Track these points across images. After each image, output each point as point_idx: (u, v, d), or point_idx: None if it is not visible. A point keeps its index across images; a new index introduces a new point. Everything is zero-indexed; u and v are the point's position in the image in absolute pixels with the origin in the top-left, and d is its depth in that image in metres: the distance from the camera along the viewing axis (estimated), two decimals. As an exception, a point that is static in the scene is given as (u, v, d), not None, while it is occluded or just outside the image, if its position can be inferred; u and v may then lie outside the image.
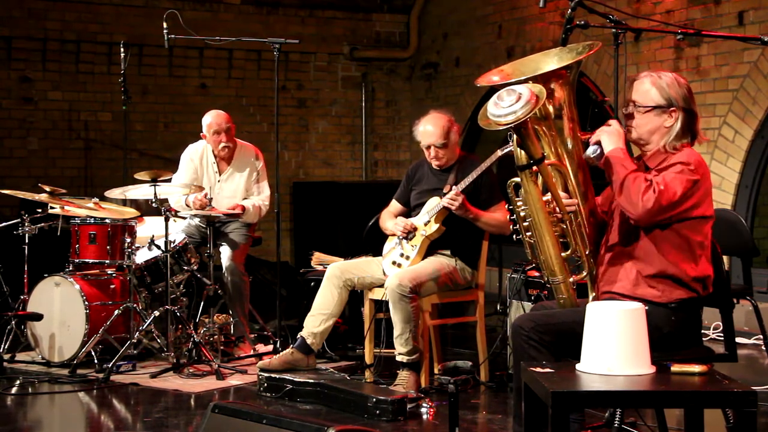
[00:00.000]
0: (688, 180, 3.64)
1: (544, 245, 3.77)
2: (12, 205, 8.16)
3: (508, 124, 3.54)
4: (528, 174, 3.68)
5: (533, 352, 3.62)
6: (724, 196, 7.19)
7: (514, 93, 3.55)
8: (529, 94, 3.53)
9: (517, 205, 3.78)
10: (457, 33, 10.12)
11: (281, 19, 10.09)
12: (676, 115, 3.71)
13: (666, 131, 3.74)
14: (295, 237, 10.15)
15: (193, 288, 6.43)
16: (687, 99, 3.73)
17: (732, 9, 7.15)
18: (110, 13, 9.37)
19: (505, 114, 3.54)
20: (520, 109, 3.52)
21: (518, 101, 3.53)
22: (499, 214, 5.40)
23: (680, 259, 3.69)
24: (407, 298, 5.21)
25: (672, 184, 3.62)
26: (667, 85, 3.73)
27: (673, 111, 3.71)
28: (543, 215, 3.72)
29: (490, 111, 3.59)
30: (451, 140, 5.55)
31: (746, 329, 6.82)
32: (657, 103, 3.72)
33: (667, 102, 3.71)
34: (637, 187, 3.61)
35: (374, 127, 10.71)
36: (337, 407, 4.98)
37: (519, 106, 3.52)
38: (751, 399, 3.02)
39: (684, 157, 3.68)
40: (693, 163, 3.67)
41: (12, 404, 5.26)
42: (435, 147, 5.51)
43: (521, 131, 3.61)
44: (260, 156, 6.60)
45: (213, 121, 6.45)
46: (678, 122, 3.71)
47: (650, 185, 3.61)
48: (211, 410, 3.77)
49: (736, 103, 7.13)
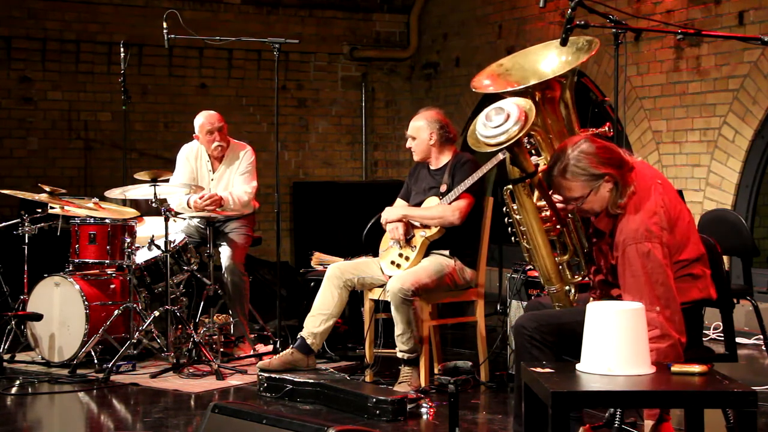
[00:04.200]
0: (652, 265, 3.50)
1: (539, 255, 3.77)
2: (12, 205, 8.16)
3: (499, 144, 3.50)
4: (521, 188, 3.67)
5: (536, 352, 3.62)
6: (724, 196, 7.19)
7: (502, 112, 3.49)
8: (518, 112, 3.47)
9: (514, 209, 3.78)
10: (457, 33, 10.12)
11: (281, 19, 10.09)
12: (609, 178, 3.57)
13: (606, 196, 3.60)
14: (295, 237, 10.15)
15: (193, 288, 6.43)
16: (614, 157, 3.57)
17: (732, 9, 7.15)
18: (110, 13, 9.37)
19: (494, 135, 3.50)
20: (510, 129, 3.47)
21: (507, 121, 3.47)
22: (438, 208, 5.44)
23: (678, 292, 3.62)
24: (409, 301, 5.21)
25: (649, 293, 3.48)
26: (575, 165, 3.55)
27: (606, 179, 3.57)
28: (537, 226, 3.72)
29: (479, 131, 3.55)
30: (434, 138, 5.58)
31: (746, 329, 6.82)
32: (588, 188, 3.58)
33: (594, 177, 3.57)
34: (661, 343, 3.46)
35: (374, 127, 10.71)
36: (337, 407, 4.98)
37: (509, 126, 3.47)
38: (751, 399, 3.02)
39: (630, 238, 3.52)
40: (642, 238, 3.51)
41: (12, 404, 5.26)
42: (409, 137, 5.62)
43: (513, 149, 3.57)
44: (250, 151, 6.59)
45: (205, 121, 6.46)
46: (611, 185, 3.58)
47: (657, 335, 3.44)
48: (211, 410, 3.77)
49: (736, 103, 7.13)
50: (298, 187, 10.15)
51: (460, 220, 5.40)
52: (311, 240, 9.32)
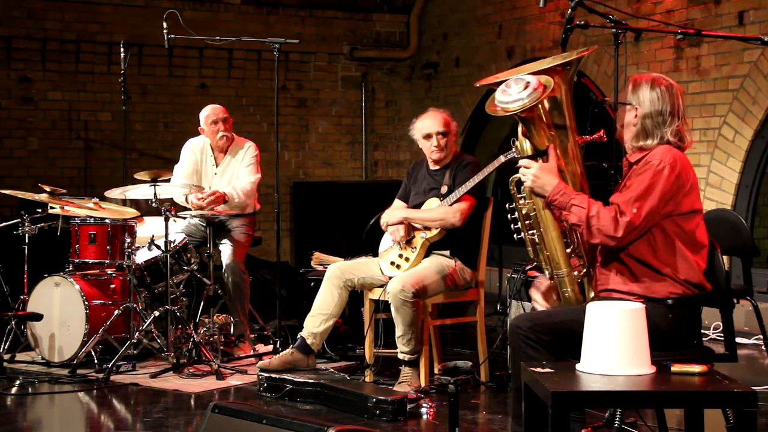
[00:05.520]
0: (660, 181, 3.64)
1: (549, 238, 3.77)
2: (12, 205, 8.16)
3: (515, 110, 3.58)
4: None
5: (531, 352, 3.62)
6: (724, 196, 7.19)
7: (521, 81, 3.58)
8: (536, 82, 3.57)
9: (519, 201, 3.79)
10: (457, 33, 10.12)
11: (281, 19, 10.09)
12: (638, 113, 3.74)
13: (632, 128, 3.77)
14: (295, 237, 10.15)
15: (193, 288, 6.43)
16: (656, 102, 3.74)
17: (732, 9, 7.15)
18: (110, 13, 9.37)
19: (512, 101, 3.58)
20: (527, 97, 3.55)
21: (526, 89, 3.56)
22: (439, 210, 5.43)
23: (669, 255, 3.69)
24: (410, 303, 5.21)
25: (642, 195, 3.62)
26: (643, 84, 3.77)
27: (637, 109, 3.75)
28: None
29: (498, 98, 3.63)
30: (451, 132, 5.56)
31: (746, 329, 6.82)
32: (625, 99, 3.79)
33: (632, 99, 3.76)
34: (606, 220, 3.61)
35: (374, 127, 10.71)
36: (337, 407, 4.98)
37: (526, 94, 3.56)
38: (751, 399, 3.02)
39: (657, 156, 3.69)
40: (665, 160, 3.67)
41: (12, 404, 5.26)
42: (437, 135, 5.51)
43: (527, 120, 3.63)
44: (254, 146, 6.65)
45: (210, 112, 6.56)
46: (639, 121, 3.75)
47: (615, 213, 3.61)
48: (211, 410, 3.77)
49: (736, 103, 7.13)
50: (298, 187, 10.15)
51: (461, 222, 5.40)
52: (311, 240, 9.32)
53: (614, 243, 3.65)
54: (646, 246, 3.69)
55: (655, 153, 3.71)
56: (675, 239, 3.70)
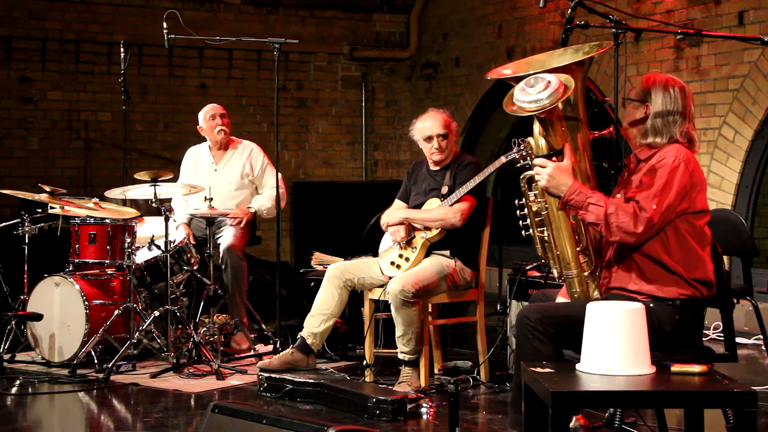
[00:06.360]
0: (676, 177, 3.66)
1: (561, 238, 3.76)
2: (12, 205, 8.16)
3: (534, 111, 3.53)
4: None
5: (537, 344, 3.61)
6: (724, 196, 7.19)
7: (542, 80, 3.52)
8: (557, 83, 3.51)
9: (530, 198, 3.78)
10: (457, 33, 10.12)
11: (281, 19, 10.09)
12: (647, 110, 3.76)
13: (641, 126, 3.78)
14: (295, 237, 10.15)
15: (193, 288, 6.43)
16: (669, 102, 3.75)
17: (732, 9, 7.15)
18: (110, 13, 9.37)
19: (531, 101, 3.53)
20: (547, 98, 3.50)
21: (546, 89, 3.51)
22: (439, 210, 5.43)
23: (682, 253, 3.69)
24: (410, 303, 5.21)
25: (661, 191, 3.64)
26: (657, 83, 3.78)
27: (647, 106, 3.76)
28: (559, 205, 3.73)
29: (517, 97, 3.57)
30: (452, 133, 5.56)
31: (746, 329, 6.82)
32: (636, 97, 3.80)
33: (643, 97, 3.78)
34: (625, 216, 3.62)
35: (374, 127, 10.71)
36: (337, 407, 4.98)
37: (546, 94, 3.50)
38: (751, 399, 3.02)
39: (671, 153, 3.70)
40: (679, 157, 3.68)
41: (12, 404, 5.26)
42: (437, 137, 5.51)
43: (545, 120, 3.60)
44: (257, 148, 6.77)
45: (209, 108, 6.73)
46: (650, 119, 3.76)
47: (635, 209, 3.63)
48: (211, 410, 3.77)
49: (736, 103, 7.13)
50: (298, 187, 10.15)
51: (461, 222, 5.40)
52: (311, 240, 9.32)
53: (633, 240, 3.64)
54: (659, 244, 3.69)
55: (668, 150, 3.72)
56: (687, 237, 3.71)
